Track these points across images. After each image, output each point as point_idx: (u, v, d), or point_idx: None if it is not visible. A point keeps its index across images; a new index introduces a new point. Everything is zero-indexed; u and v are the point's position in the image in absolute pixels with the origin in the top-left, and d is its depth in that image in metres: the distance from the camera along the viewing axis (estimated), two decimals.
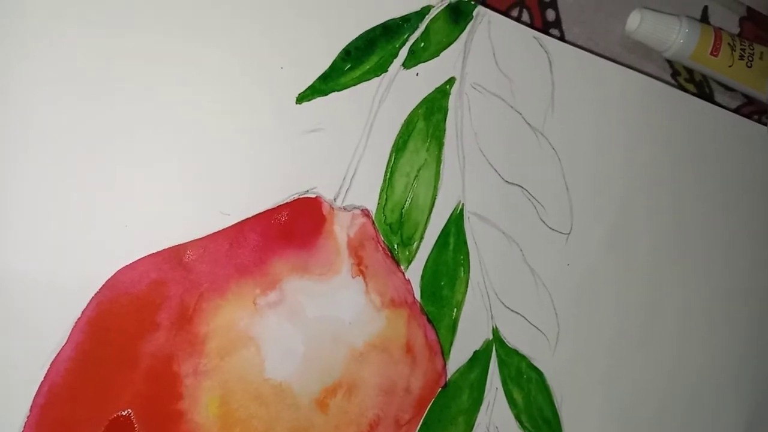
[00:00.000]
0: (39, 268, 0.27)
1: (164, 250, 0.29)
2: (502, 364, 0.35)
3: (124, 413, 0.28)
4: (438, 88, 0.35)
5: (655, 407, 0.39)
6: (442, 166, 0.35)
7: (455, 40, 0.35)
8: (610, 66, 0.39)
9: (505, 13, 0.37)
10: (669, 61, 0.42)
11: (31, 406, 0.27)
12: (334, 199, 0.32)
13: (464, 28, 0.35)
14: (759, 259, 0.44)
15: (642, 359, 0.39)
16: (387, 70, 0.34)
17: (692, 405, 0.41)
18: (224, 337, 0.30)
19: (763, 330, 0.44)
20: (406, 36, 0.34)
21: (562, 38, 0.39)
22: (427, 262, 0.34)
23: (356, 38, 0.33)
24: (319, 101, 0.32)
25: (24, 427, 0.27)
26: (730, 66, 0.41)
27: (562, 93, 0.37)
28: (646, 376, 0.39)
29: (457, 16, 0.35)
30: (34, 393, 0.27)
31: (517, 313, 0.36)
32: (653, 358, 0.40)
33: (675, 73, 0.43)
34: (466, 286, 0.35)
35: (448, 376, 0.34)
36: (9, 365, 0.26)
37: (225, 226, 0.30)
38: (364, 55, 0.33)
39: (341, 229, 0.32)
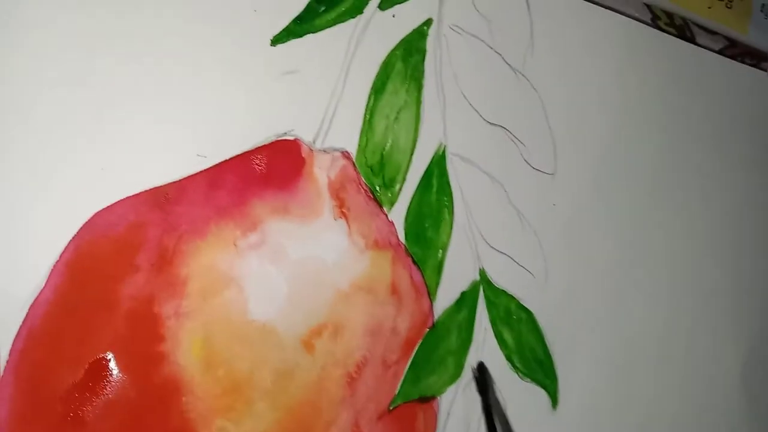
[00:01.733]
0: (15, 211, 0.27)
1: (141, 192, 0.29)
2: (490, 304, 0.34)
3: (104, 356, 0.27)
4: (415, 29, 0.35)
5: (653, 345, 0.39)
6: (422, 108, 0.34)
7: None
8: (589, 6, 0.38)
9: None
10: (648, 6, 0.42)
11: (10, 351, 0.26)
12: (313, 142, 0.32)
13: None
14: (745, 192, 0.43)
15: (636, 298, 0.39)
16: (362, 12, 0.33)
17: (691, 343, 0.40)
18: (205, 278, 0.29)
19: (758, 266, 0.43)
20: None
21: None
22: (410, 204, 0.34)
23: None
24: (294, 43, 0.32)
25: (3, 371, 0.26)
26: (709, 7, 0.41)
27: (541, 34, 0.37)
28: (641, 314, 0.39)
29: None
30: (13, 337, 0.26)
31: (503, 254, 0.35)
32: (647, 296, 0.39)
33: (655, 18, 0.42)
34: (451, 228, 0.34)
35: (436, 317, 0.33)
36: None
37: (202, 169, 0.30)
38: None
39: (321, 171, 0.32)
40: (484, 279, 0.34)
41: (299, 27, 0.32)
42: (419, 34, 0.35)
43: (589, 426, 0.35)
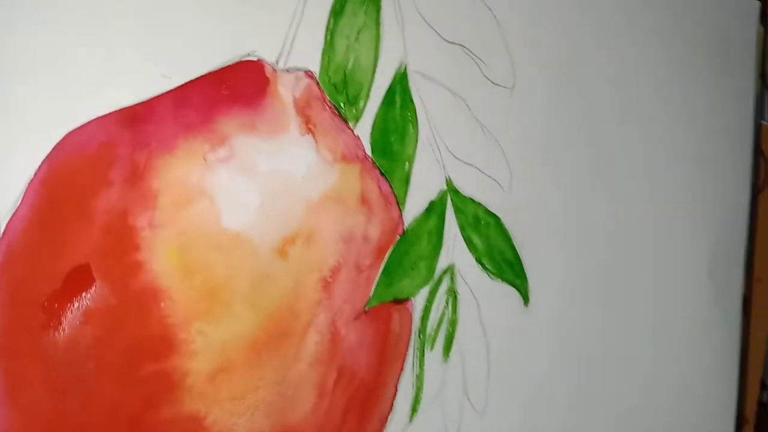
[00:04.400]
0: None
1: (110, 113, 0.30)
2: (458, 211, 0.35)
3: (82, 265, 0.28)
4: None
5: (619, 244, 0.40)
6: (381, 29, 0.35)
7: None
8: None
9: None
10: None
11: None
12: (276, 62, 0.33)
13: None
14: (704, 96, 0.45)
15: (600, 200, 0.40)
16: None
17: (658, 239, 0.41)
18: (177, 190, 0.30)
19: (719, 165, 0.44)
20: None
21: None
22: (375, 119, 0.35)
23: None
24: None
25: None
26: None
27: None
28: (606, 215, 0.40)
29: None
30: None
31: (469, 164, 0.36)
32: (611, 198, 0.40)
33: None
34: (416, 141, 0.35)
35: (406, 225, 0.34)
36: None
37: (167, 89, 0.31)
38: None
39: (286, 90, 0.33)
40: (451, 188, 0.35)
41: None
42: None
43: (562, 322, 0.36)
